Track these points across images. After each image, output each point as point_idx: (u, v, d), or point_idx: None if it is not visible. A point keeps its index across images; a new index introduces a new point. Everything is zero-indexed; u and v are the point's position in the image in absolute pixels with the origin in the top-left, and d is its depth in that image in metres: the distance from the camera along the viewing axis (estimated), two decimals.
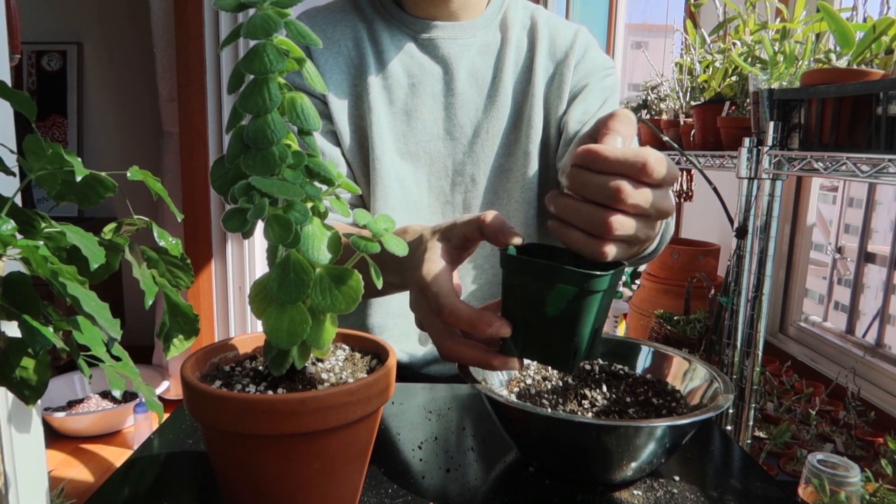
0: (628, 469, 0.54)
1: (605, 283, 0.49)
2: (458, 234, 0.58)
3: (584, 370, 0.68)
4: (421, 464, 0.59)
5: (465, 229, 0.57)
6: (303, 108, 0.44)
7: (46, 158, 0.35)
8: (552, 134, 0.92)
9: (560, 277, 0.49)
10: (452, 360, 0.56)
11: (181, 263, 0.44)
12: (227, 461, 0.45)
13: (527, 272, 0.51)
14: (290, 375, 0.47)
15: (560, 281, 0.49)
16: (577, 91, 0.91)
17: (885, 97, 0.87)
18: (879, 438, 1.34)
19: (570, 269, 0.48)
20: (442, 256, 0.57)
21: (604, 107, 0.91)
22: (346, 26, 0.91)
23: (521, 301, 0.52)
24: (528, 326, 0.53)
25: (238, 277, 2.44)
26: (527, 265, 0.51)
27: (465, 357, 0.56)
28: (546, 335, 0.52)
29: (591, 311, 0.50)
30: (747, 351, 1.20)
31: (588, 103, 0.90)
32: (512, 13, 0.94)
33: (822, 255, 1.98)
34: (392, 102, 0.89)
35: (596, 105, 0.90)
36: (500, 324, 0.53)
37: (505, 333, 0.53)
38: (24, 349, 0.33)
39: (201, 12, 2.28)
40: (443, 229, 0.59)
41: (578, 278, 0.48)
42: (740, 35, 1.39)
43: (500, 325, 0.53)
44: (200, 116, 2.33)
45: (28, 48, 3.03)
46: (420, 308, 0.59)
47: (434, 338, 0.57)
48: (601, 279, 0.48)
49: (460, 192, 0.92)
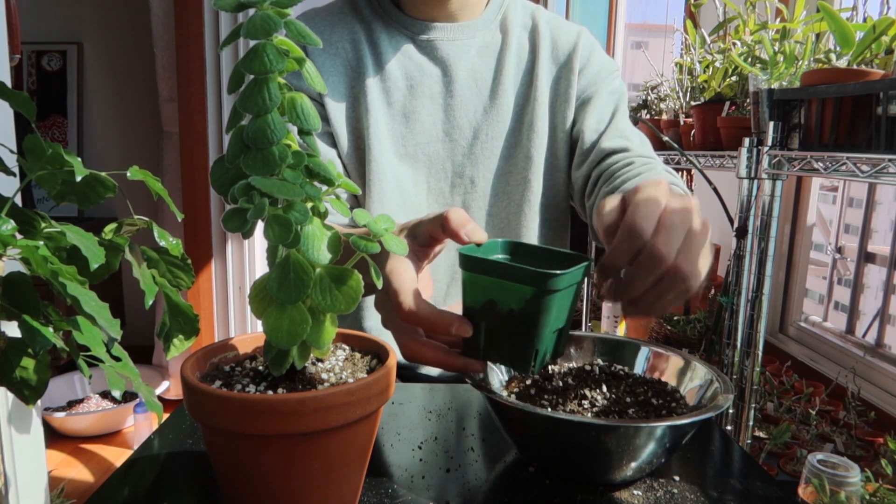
0: (628, 469, 0.54)
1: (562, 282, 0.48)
2: (424, 231, 0.57)
3: (584, 371, 0.68)
4: (421, 464, 0.59)
5: (430, 227, 0.56)
6: (303, 108, 0.44)
7: (46, 158, 0.35)
8: (559, 138, 0.92)
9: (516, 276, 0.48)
10: (415, 362, 0.56)
11: (181, 263, 0.44)
12: (227, 461, 0.45)
13: (484, 271, 0.50)
14: (290, 375, 0.47)
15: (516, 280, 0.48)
16: (587, 98, 0.91)
17: (885, 97, 0.87)
18: (879, 438, 1.34)
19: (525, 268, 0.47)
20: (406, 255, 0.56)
21: (616, 114, 0.91)
22: (343, 28, 0.90)
23: (481, 301, 0.51)
24: (489, 327, 0.52)
25: (238, 277, 2.44)
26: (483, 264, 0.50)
27: (426, 358, 0.55)
28: (506, 336, 0.51)
29: (551, 310, 0.49)
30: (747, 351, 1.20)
31: (601, 111, 0.90)
32: (512, 13, 0.94)
33: (822, 255, 1.98)
34: (390, 104, 0.89)
35: (608, 112, 0.91)
36: (460, 324, 0.52)
37: (465, 333, 0.52)
38: (24, 349, 0.33)
39: (201, 12, 2.28)
40: (410, 226, 0.59)
41: (535, 277, 0.47)
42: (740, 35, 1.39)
43: (460, 325, 0.52)
44: (200, 116, 2.33)
45: (28, 48, 3.03)
46: (384, 307, 0.58)
47: (396, 338, 0.57)
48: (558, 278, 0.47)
49: (459, 193, 0.91)
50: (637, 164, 0.83)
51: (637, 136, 0.90)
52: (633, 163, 0.84)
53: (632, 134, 0.89)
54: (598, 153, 0.87)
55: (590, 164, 0.88)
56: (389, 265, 0.55)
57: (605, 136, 0.88)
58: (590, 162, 0.88)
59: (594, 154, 0.88)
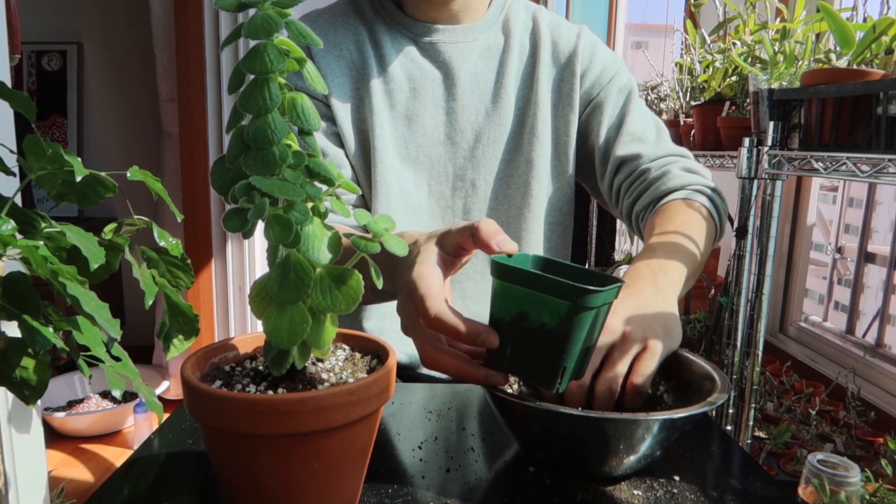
0: (626, 462, 0.54)
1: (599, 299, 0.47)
2: (453, 241, 0.56)
3: None
4: (421, 464, 0.59)
5: (459, 237, 0.55)
6: (303, 109, 0.44)
7: (46, 158, 0.35)
8: (563, 142, 0.91)
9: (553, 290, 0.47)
10: (435, 370, 0.55)
11: (181, 263, 0.44)
12: (227, 461, 0.45)
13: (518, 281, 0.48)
14: (290, 375, 0.47)
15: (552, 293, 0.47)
16: (597, 103, 0.91)
17: (885, 97, 0.87)
18: (879, 438, 1.34)
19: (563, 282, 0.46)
20: (435, 261, 0.56)
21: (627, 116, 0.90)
22: (347, 29, 0.90)
23: (511, 312, 0.50)
24: (516, 340, 0.50)
25: (238, 277, 2.44)
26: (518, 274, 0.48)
27: (448, 367, 0.54)
28: (534, 350, 0.50)
29: (584, 328, 0.48)
30: (747, 351, 1.20)
31: (611, 116, 0.91)
32: (514, 14, 0.93)
33: (822, 255, 1.98)
34: (393, 106, 0.89)
35: (619, 115, 0.91)
36: (487, 334, 0.51)
37: (492, 344, 0.51)
38: (24, 349, 0.33)
39: (201, 12, 2.28)
40: (438, 235, 0.58)
41: (572, 292, 0.46)
42: (740, 35, 1.39)
43: (487, 335, 0.51)
44: (200, 116, 2.33)
45: (28, 48, 3.03)
46: (407, 312, 0.57)
47: (418, 344, 0.56)
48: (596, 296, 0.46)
49: (460, 196, 0.91)
50: (652, 171, 0.86)
51: (652, 133, 0.90)
52: (648, 170, 0.86)
53: (645, 133, 0.89)
54: (614, 162, 0.89)
55: (610, 174, 0.90)
56: (417, 270, 0.54)
57: (618, 144, 0.89)
58: (609, 171, 0.90)
59: (611, 163, 0.89)
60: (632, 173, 0.87)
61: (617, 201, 0.90)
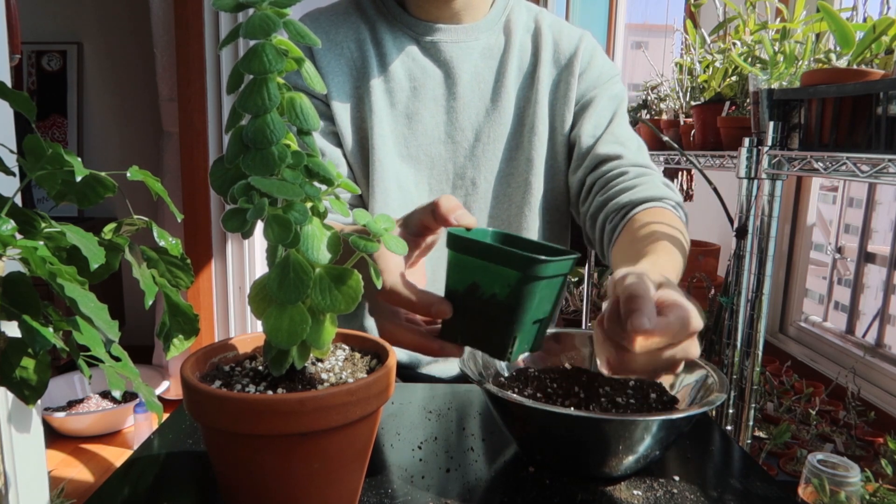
0: (626, 462, 0.54)
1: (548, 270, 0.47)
2: (416, 220, 0.57)
3: (582, 371, 0.68)
4: (421, 464, 0.59)
5: (422, 215, 0.56)
6: (302, 108, 0.44)
7: (46, 158, 0.35)
8: (559, 141, 0.92)
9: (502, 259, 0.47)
10: (393, 345, 0.56)
11: (181, 263, 0.44)
12: (227, 461, 0.45)
13: (470, 251, 0.49)
14: (290, 375, 0.47)
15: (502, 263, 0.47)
16: (587, 102, 0.91)
17: (885, 97, 0.87)
18: (879, 438, 1.34)
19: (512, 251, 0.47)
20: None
21: (614, 119, 0.90)
22: (348, 28, 0.90)
23: (464, 283, 0.51)
24: (469, 311, 0.51)
25: (238, 277, 2.44)
26: (470, 244, 0.49)
27: (404, 340, 0.55)
28: (486, 321, 0.50)
29: (534, 299, 0.48)
30: (747, 351, 1.20)
31: (599, 116, 0.90)
32: (516, 16, 0.94)
33: (822, 255, 1.98)
34: (393, 105, 0.89)
35: (607, 117, 0.91)
36: (440, 304, 0.52)
37: (444, 315, 0.52)
38: (24, 349, 0.33)
39: (201, 12, 2.28)
40: (404, 217, 0.59)
41: (521, 262, 0.47)
42: (740, 35, 1.39)
43: (439, 305, 0.52)
44: (200, 116, 2.33)
45: (28, 48, 3.03)
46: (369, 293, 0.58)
47: (377, 321, 0.57)
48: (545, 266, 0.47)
49: (461, 195, 0.92)
50: (631, 175, 0.84)
51: (634, 142, 0.90)
52: (628, 172, 0.84)
53: (629, 140, 0.89)
54: (593, 158, 0.88)
55: (585, 169, 0.89)
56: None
57: (601, 142, 0.88)
58: (585, 167, 0.88)
59: (589, 159, 0.88)
60: (609, 172, 0.86)
61: (586, 198, 0.89)
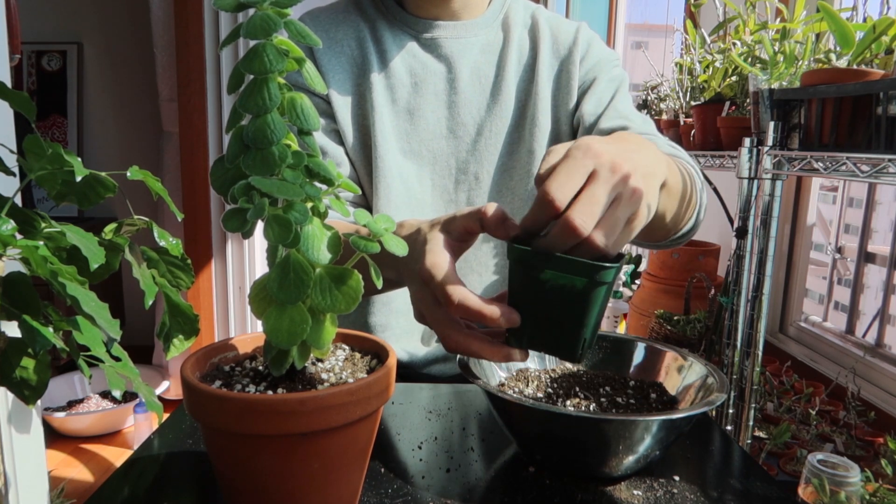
0: (626, 462, 0.54)
1: (611, 275, 0.50)
2: (459, 226, 0.57)
3: (581, 371, 0.68)
4: (421, 464, 0.59)
5: (466, 221, 0.57)
6: (302, 108, 0.44)
7: (46, 158, 0.35)
8: (563, 131, 0.92)
9: (569, 268, 0.50)
10: (458, 352, 0.56)
11: (181, 263, 0.44)
12: (227, 461, 0.45)
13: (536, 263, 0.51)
14: (290, 375, 0.47)
15: (570, 271, 0.50)
16: (587, 85, 0.91)
17: (885, 97, 0.87)
18: (879, 438, 1.34)
19: (579, 260, 0.49)
20: (444, 248, 0.57)
21: (616, 96, 0.89)
22: (348, 26, 0.91)
23: (530, 292, 0.52)
24: (535, 317, 0.53)
25: (238, 277, 2.44)
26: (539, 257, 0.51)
27: (471, 348, 0.55)
28: (554, 326, 0.53)
29: (598, 301, 0.51)
30: (747, 351, 1.20)
31: (600, 95, 0.89)
32: (513, 13, 0.94)
33: (822, 255, 1.98)
34: (395, 101, 0.89)
35: (608, 95, 0.89)
36: (510, 314, 0.53)
37: (515, 323, 0.53)
38: (24, 349, 0.33)
39: (201, 12, 2.28)
40: (443, 222, 0.59)
41: (589, 270, 0.49)
42: (740, 35, 1.39)
43: (510, 314, 0.53)
44: (200, 116, 2.33)
45: (28, 48, 3.03)
46: (423, 300, 0.58)
47: (438, 330, 0.57)
48: (609, 271, 0.50)
49: (464, 190, 0.92)
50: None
51: (639, 117, 0.88)
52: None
53: (633, 115, 0.88)
54: (597, 134, 0.86)
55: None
56: (429, 260, 0.55)
57: (603, 118, 0.87)
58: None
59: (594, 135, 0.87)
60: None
61: None
